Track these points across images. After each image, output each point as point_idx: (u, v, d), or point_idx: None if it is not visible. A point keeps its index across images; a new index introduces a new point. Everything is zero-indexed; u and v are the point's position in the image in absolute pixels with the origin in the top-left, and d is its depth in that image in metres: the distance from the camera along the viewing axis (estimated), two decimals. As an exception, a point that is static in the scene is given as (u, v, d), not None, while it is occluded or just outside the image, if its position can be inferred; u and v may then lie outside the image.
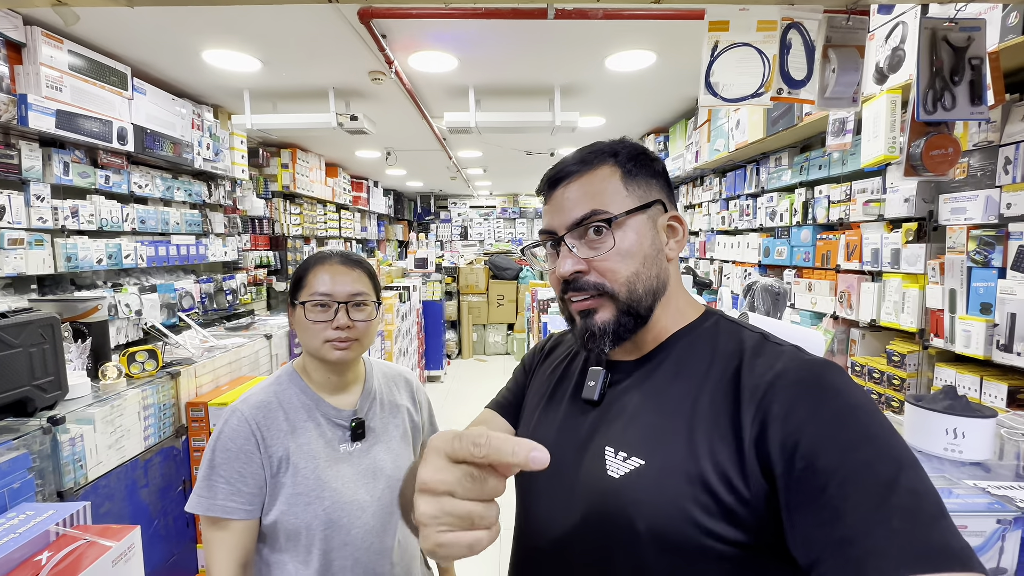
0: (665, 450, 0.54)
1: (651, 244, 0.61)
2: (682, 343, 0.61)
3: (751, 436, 0.49)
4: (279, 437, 0.89)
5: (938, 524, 0.40)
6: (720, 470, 0.50)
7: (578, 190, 0.61)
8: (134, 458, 1.46)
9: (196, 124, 3.19)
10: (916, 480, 0.42)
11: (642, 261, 0.60)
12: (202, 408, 1.68)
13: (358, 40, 2.37)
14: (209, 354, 1.90)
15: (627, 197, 0.60)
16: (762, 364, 0.53)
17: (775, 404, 0.49)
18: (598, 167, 0.62)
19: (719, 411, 0.53)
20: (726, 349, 0.57)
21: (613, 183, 0.61)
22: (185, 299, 3.11)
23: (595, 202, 0.60)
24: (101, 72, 2.43)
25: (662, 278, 0.61)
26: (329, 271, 0.93)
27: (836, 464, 0.44)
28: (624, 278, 0.59)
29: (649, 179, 0.63)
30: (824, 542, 0.42)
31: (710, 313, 0.65)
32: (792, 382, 0.50)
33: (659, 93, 3.21)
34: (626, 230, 0.60)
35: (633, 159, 0.62)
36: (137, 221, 2.80)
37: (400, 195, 9.41)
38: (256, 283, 4.22)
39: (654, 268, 0.60)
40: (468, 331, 6.57)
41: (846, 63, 1.15)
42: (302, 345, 0.96)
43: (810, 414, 0.47)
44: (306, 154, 5.11)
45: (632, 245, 0.59)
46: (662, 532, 0.51)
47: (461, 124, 3.07)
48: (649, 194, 0.62)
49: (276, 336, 2.34)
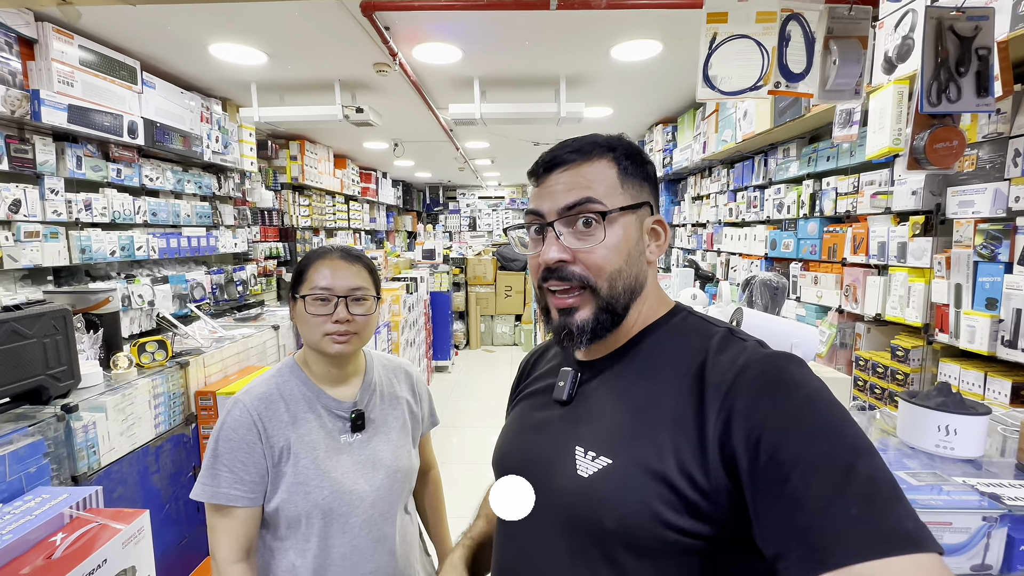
0: (631, 448, 0.55)
1: (636, 244, 0.61)
2: (649, 340, 0.62)
3: (715, 432, 0.50)
4: (280, 428, 0.92)
5: (894, 509, 0.41)
6: (683, 467, 0.51)
7: (573, 178, 0.61)
8: (145, 445, 1.52)
9: (205, 117, 3.23)
10: (872, 467, 0.43)
11: (626, 259, 0.60)
12: (210, 397, 1.73)
13: (362, 33, 2.37)
14: (218, 344, 1.95)
15: (621, 194, 0.61)
16: (725, 360, 0.54)
17: (738, 399, 0.50)
18: (596, 159, 0.61)
19: (683, 408, 0.54)
20: (692, 345, 0.58)
21: (609, 177, 0.61)
22: (196, 290, 3.17)
23: (591, 191, 0.60)
24: (111, 67, 2.47)
25: (640, 279, 0.62)
26: (329, 265, 0.95)
27: (797, 456, 0.45)
28: (608, 273, 0.59)
29: (642, 180, 0.63)
30: (787, 533, 0.43)
31: (678, 309, 0.66)
32: (753, 376, 0.51)
33: (666, 83, 3.17)
34: (616, 226, 0.60)
35: (630, 157, 0.63)
36: (149, 213, 2.86)
37: (409, 186, 9.43)
38: (266, 274, 4.29)
39: (635, 268, 0.61)
40: (476, 322, 6.61)
41: (848, 54, 1.13)
42: (303, 338, 0.98)
43: (771, 408, 0.48)
44: (314, 146, 5.14)
45: (619, 241, 0.60)
46: (630, 529, 0.52)
47: (466, 116, 3.07)
48: (641, 194, 0.62)
49: (283, 327, 2.38)
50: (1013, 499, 0.79)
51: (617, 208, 0.59)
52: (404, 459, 1.05)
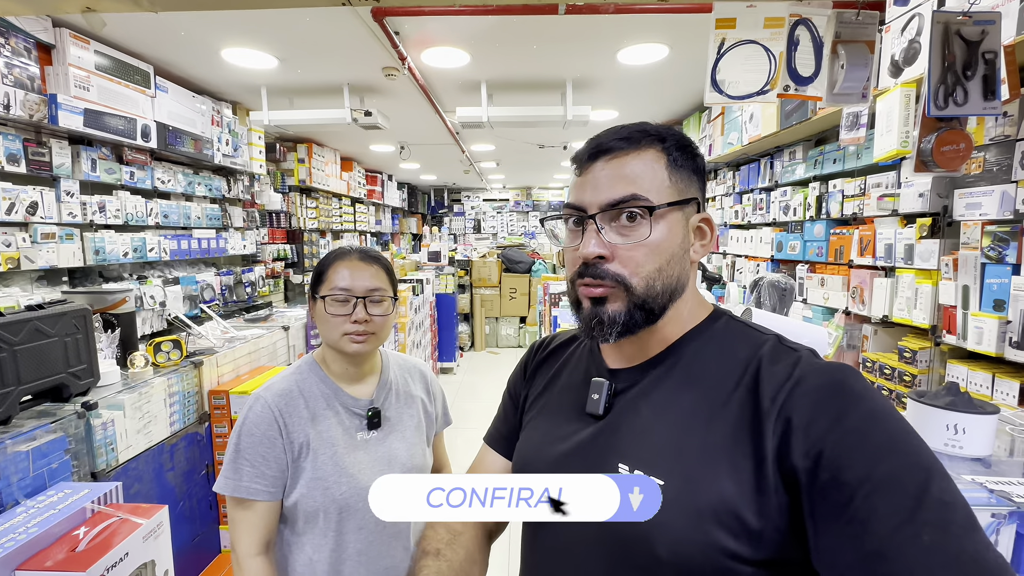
0: (684, 468, 0.51)
1: (680, 243, 0.57)
2: (691, 347, 0.58)
3: (773, 448, 0.47)
4: (300, 424, 0.94)
5: (970, 537, 0.38)
6: (742, 488, 0.47)
7: (619, 168, 0.56)
8: (160, 443, 1.54)
9: (216, 121, 3.27)
10: (945, 490, 0.40)
11: (668, 258, 0.56)
12: (223, 396, 1.75)
13: (372, 37, 2.41)
14: (230, 344, 1.98)
15: (669, 188, 0.56)
16: (780, 371, 0.50)
17: (796, 413, 0.47)
18: (645, 149, 0.57)
19: (738, 423, 0.50)
20: (740, 355, 0.54)
21: (658, 170, 0.56)
22: (206, 291, 3.21)
23: (636, 186, 0.55)
24: (126, 71, 2.51)
25: (682, 280, 0.58)
26: (348, 266, 0.98)
27: (862, 475, 0.42)
28: (647, 272, 0.55)
29: (691, 174, 0.58)
30: (851, 558, 0.41)
31: (719, 313, 0.62)
32: (812, 389, 0.48)
33: (672, 86, 3.19)
34: (661, 224, 0.55)
35: (680, 149, 0.58)
36: (160, 216, 2.89)
37: (414, 188, 9.47)
38: (274, 276, 4.32)
39: (677, 267, 0.57)
40: (481, 324, 6.63)
41: (856, 58, 1.14)
42: (321, 337, 1.00)
43: (832, 423, 0.45)
44: (322, 149, 5.19)
45: (663, 240, 0.55)
46: (684, 557, 0.48)
47: (473, 119, 3.10)
48: (689, 189, 0.58)
49: (293, 328, 2.41)
50: (1022, 497, 0.80)
51: (665, 204, 0.55)
52: (418, 457, 1.06)
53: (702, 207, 0.60)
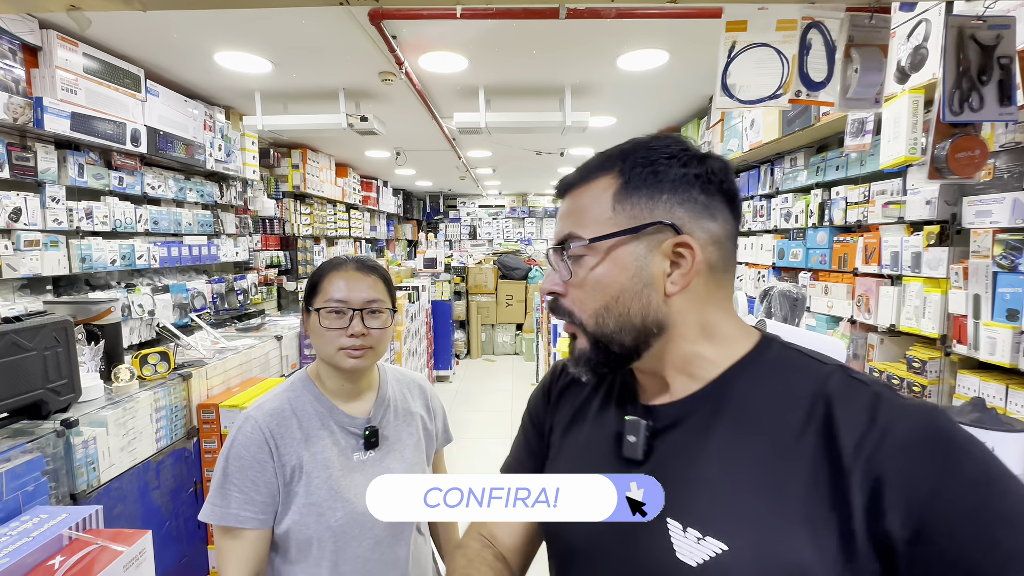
0: (752, 530, 0.44)
1: (634, 276, 0.51)
2: (742, 382, 0.51)
3: (861, 508, 0.41)
4: (293, 445, 0.89)
5: None
6: (825, 556, 0.41)
7: (569, 204, 0.56)
8: (146, 460, 1.47)
9: (208, 125, 3.21)
10: None
11: (615, 295, 0.51)
12: (213, 410, 1.69)
13: (368, 41, 2.36)
14: (220, 355, 1.91)
15: (611, 219, 0.51)
16: (858, 414, 0.44)
17: (888, 472, 0.41)
18: (598, 178, 0.54)
19: (813, 477, 0.43)
20: (801, 390, 0.48)
21: (603, 200, 0.52)
22: (197, 299, 3.13)
23: (574, 222, 0.54)
24: (115, 74, 2.45)
25: (650, 315, 0.51)
26: (344, 277, 0.93)
27: (975, 553, 0.37)
28: (591, 310, 0.53)
29: (654, 194, 0.51)
30: None
31: (768, 341, 0.54)
32: (905, 442, 0.41)
33: (671, 92, 3.17)
34: (599, 259, 0.52)
35: (641, 166, 0.52)
36: (150, 222, 2.82)
37: (409, 195, 9.43)
38: (267, 283, 4.25)
39: (634, 303, 0.51)
40: (477, 331, 6.57)
41: (869, 63, 1.11)
42: (316, 351, 0.95)
43: (937, 486, 0.39)
44: (316, 154, 5.13)
45: (603, 277, 0.51)
46: None
47: (471, 124, 3.06)
48: (645, 214, 0.51)
49: (287, 337, 2.34)
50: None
51: (597, 238, 0.51)
52: None
53: (686, 227, 0.50)
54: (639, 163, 0.52)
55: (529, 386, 5.08)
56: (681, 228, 0.50)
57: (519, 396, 4.77)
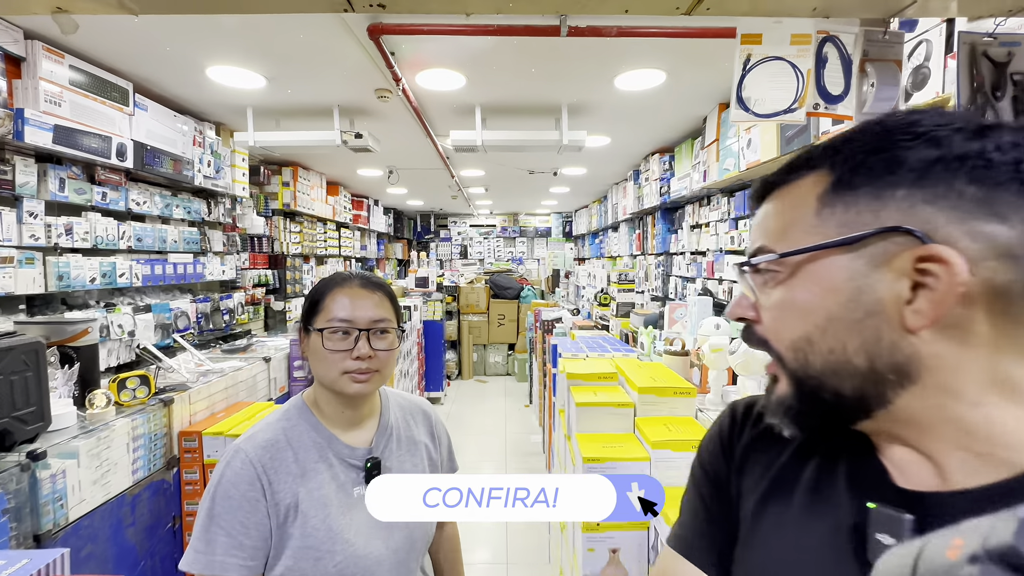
0: None
1: (848, 301, 0.38)
2: None
3: None
4: (288, 481, 0.80)
5: None
6: None
7: (764, 211, 0.45)
8: (120, 494, 1.35)
9: (197, 141, 3.14)
10: None
11: (820, 325, 0.40)
12: (196, 438, 1.58)
13: (366, 57, 2.34)
14: (204, 379, 1.80)
15: (813, 227, 0.40)
16: None
17: None
18: (803, 177, 0.42)
19: None
20: None
21: (804, 204, 0.41)
22: (181, 319, 3.01)
23: (764, 232, 0.44)
24: (102, 87, 2.39)
25: (882, 356, 0.38)
26: (349, 295, 0.85)
27: None
28: (788, 342, 0.42)
29: (882, 190, 0.38)
30: None
31: None
32: None
33: (666, 113, 3.19)
34: (794, 277, 0.41)
35: (864, 154, 0.39)
36: (133, 239, 2.72)
37: (400, 214, 9.39)
38: (254, 302, 4.13)
39: (852, 338, 0.39)
40: (468, 351, 6.46)
41: (885, 77, 1.10)
42: (316, 376, 0.87)
43: None
44: (308, 172, 5.08)
45: (801, 300, 0.41)
46: None
47: (467, 142, 3.04)
48: (867, 218, 0.38)
49: (275, 359, 2.24)
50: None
51: (795, 251, 0.41)
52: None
53: (937, 233, 0.36)
54: (861, 151, 0.39)
55: (522, 407, 4.97)
56: (930, 235, 0.36)
57: (512, 418, 4.65)
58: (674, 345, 1.87)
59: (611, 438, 1.39)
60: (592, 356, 2.08)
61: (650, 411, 1.44)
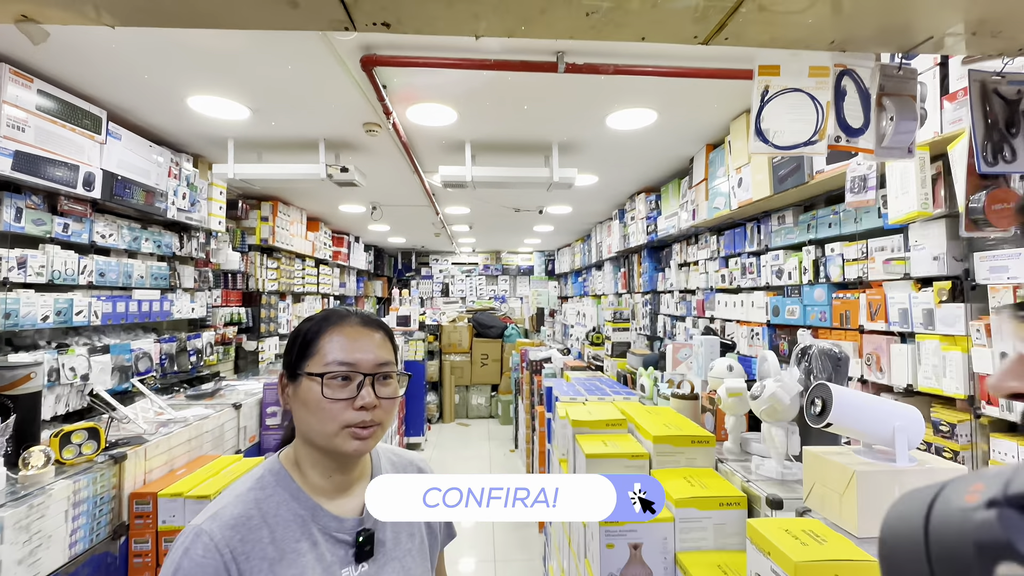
0: None
1: None
2: None
3: None
4: (262, 569, 0.64)
5: None
6: None
7: None
8: (53, 574, 1.14)
9: (173, 172, 3.01)
10: None
11: None
12: (149, 500, 1.37)
13: (356, 90, 2.29)
14: (165, 429, 1.60)
15: None
16: None
17: None
18: None
19: None
20: None
21: None
22: (142, 361, 2.77)
23: None
24: (73, 114, 2.26)
25: None
26: (349, 334, 0.73)
27: None
28: None
29: None
30: None
31: None
32: None
33: (655, 152, 3.23)
34: None
35: None
36: (95, 274, 2.52)
37: (381, 251, 9.26)
38: (224, 342, 3.88)
39: None
40: (450, 393, 6.22)
41: (904, 112, 1.08)
42: (304, 432, 0.73)
43: None
44: (288, 207, 4.95)
45: None
46: None
47: (457, 178, 2.99)
48: None
49: (246, 405, 2.04)
50: None
51: None
52: None
53: None
54: None
55: (507, 452, 4.73)
56: None
57: (497, 464, 4.41)
58: (681, 388, 1.76)
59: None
60: (592, 400, 1.96)
61: (666, 462, 1.32)
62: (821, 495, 0.95)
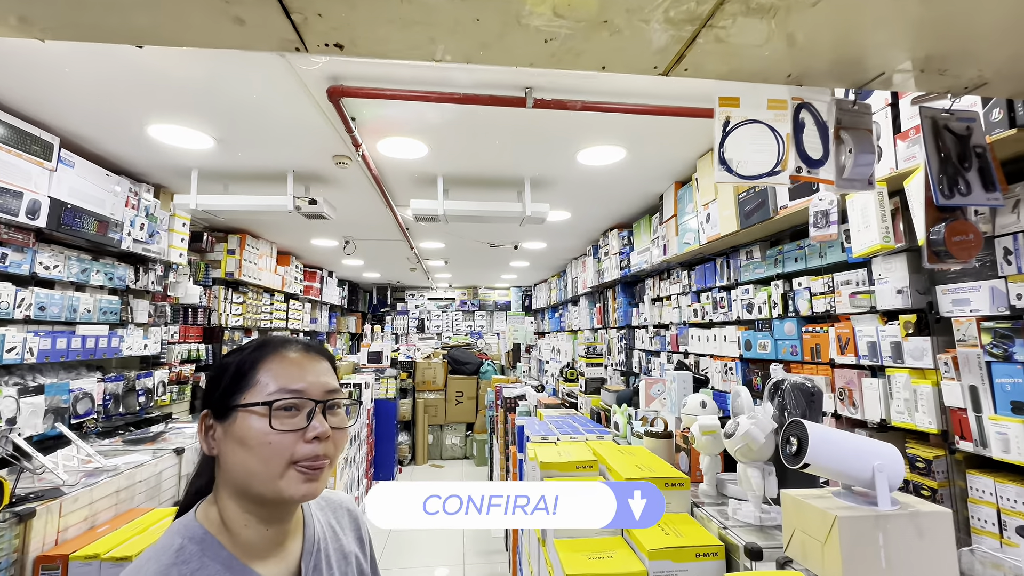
0: None
1: None
2: None
3: None
4: None
5: None
6: None
7: None
8: (-76, 660, 0.96)
9: (131, 203, 2.89)
10: None
11: None
12: (59, 564, 1.20)
13: (324, 121, 2.26)
14: (89, 480, 1.44)
15: None
16: None
17: None
18: None
19: None
20: None
21: None
22: (82, 402, 2.56)
23: None
24: (21, 140, 2.15)
25: None
26: (294, 360, 0.66)
27: None
28: None
29: None
30: None
31: None
32: None
33: (625, 188, 3.28)
34: None
35: None
36: (34, 307, 2.35)
37: (355, 286, 9.10)
38: (180, 380, 3.65)
39: None
40: (423, 433, 5.98)
41: (861, 144, 1.09)
42: (238, 478, 0.62)
43: None
44: (257, 240, 4.83)
45: None
46: None
47: (428, 211, 2.95)
48: None
49: (190, 450, 1.87)
50: None
51: None
52: None
53: None
54: None
55: (482, 496, 4.51)
56: None
57: (471, 509, 4.19)
58: (655, 426, 1.69)
59: (597, 545, 1.16)
60: (564, 439, 1.87)
61: (639, 507, 1.23)
62: (802, 543, 0.88)
